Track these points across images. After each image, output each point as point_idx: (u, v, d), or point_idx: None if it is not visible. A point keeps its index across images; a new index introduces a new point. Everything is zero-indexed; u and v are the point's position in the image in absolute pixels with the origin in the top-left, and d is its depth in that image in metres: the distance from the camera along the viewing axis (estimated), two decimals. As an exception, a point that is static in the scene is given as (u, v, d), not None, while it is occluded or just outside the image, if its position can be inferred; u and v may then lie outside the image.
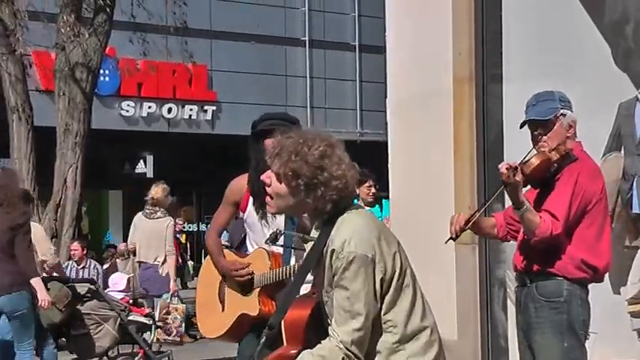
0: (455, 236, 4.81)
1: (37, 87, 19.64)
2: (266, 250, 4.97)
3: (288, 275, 4.79)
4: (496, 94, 6.65)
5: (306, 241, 3.56)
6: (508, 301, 6.31)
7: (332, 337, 3.30)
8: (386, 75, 7.17)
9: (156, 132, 23.55)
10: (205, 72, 23.99)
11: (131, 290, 11.55)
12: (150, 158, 23.86)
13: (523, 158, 4.71)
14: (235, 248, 5.60)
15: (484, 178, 6.47)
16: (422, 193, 6.71)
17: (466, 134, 6.53)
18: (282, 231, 4.16)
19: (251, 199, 5.06)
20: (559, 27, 6.74)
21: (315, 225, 3.48)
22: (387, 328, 3.34)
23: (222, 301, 5.17)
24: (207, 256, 5.37)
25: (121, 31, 16.67)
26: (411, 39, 6.90)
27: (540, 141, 4.78)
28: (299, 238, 3.60)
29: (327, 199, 3.33)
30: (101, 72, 16.74)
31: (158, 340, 10.30)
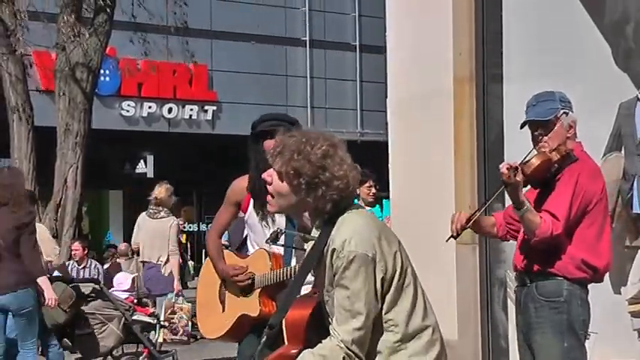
0: (456, 234, 4.81)
1: (38, 87, 19.63)
2: (267, 250, 4.96)
3: (289, 276, 4.78)
4: (496, 94, 6.65)
5: (307, 241, 3.55)
6: (508, 300, 6.31)
7: (333, 337, 3.30)
8: (386, 75, 7.17)
9: (156, 132, 23.55)
10: (206, 72, 23.98)
11: (135, 290, 11.55)
12: (150, 158, 23.86)
13: (524, 158, 4.71)
14: (236, 249, 5.59)
15: (484, 178, 6.47)
16: (422, 193, 6.71)
17: (466, 134, 6.53)
18: (283, 230, 4.16)
19: (252, 200, 5.06)
20: (559, 27, 6.74)
21: (315, 224, 3.48)
22: (388, 328, 3.33)
23: (222, 301, 5.17)
24: (208, 257, 5.37)
25: (122, 31, 16.66)
26: (411, 39, 6.91)
27: (541, 141, 4.77)
28: (300, 237, 3.59)
29: (327, 198, 3.32)
30: (101, 72, 16.73)
31: (165, 340, 10.28)
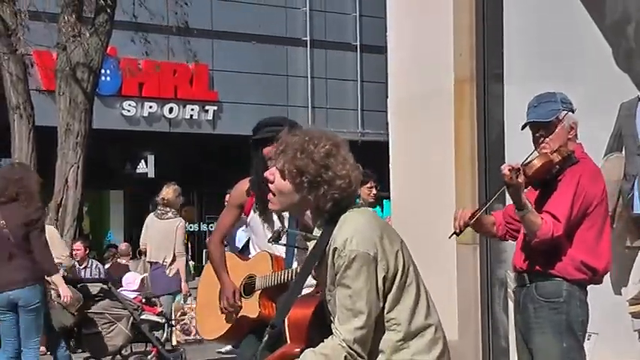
0: (459, 231, 4.80)
1: (39, 87, 19.63)
2: (269, 253, 4.97)
3: (290, 278, 4.77)
4: (497, 95, 6.65)
5: (309, 240, 3.55)
6: (509, 301, 6.30)
7: (335, 336, 3.29)
8: (387, 75, 7.17)
9: (157, 132, 23.55)
10: (206, 72, 23.99)
11: (144, 290, 11.54)
12: (151, 158, 23.86)
13: (525, 160, 4.70)
14: (239, 251, 5.61)
15: (485, 178, 6.47)
16: (422, 193, 6.71)
17: (467, 134, 6.53)
18: (285, 230, 4.16)
19: (254, 202, 5.07)
20: (560, 27, 6.74)
21: (317, 224, 3.48)
22: (390, 327, 3.33)
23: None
24: (210, 263, 5.37)
25: (123, 31, 16.66)
26: (411, 39, 6.91)
27: (542, 142, 4.77)
28: (302, 236, 3.59)
29: (328, 197, 3.33)
30: (102, 72, 16.72)
31: (178, 342, 10.26)
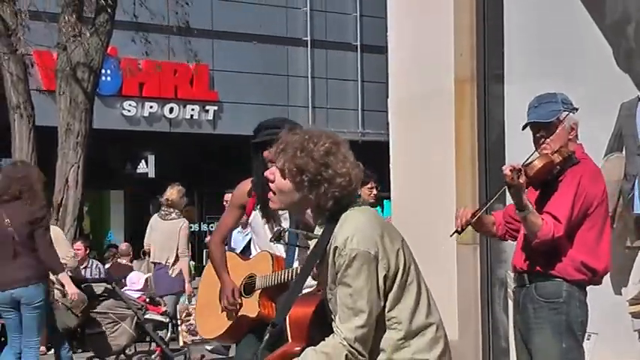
0: (460, 229, 4.80)
1: (39, 87, 19.61)
2: (270, 253, 4.97)
3: (290, 278, 4.78)
4: (497, 95, 6.65)
5: (310, 239, 3.55)
6: (509, 301, 6.30)
7: (336, 335, 3.30)
8: (387, 75, 7.17)
9: (157, 132, 23.53)
10: (207, 72, 23.96)
11: (148, 289, 11.55)
12: (151, 158, 23.83)
13: (525, 160, 4.70)
14: (241, 252, 5.62)
15: (485, 178, 6.47)
16: (423, 193, 6.71)
17: (467, 134, 6.53)
18: (286, 229, 4.16)
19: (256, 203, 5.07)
20: (560, 27, 6.75)
21: (318, 222, 3.48)
22: (391, 325, 3.33)
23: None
24: (211, 263, 5.37)
25: (123, 31, 16.64)
26: (412, 39, 6.91)
27: (542, 143, 4.77)
28: (303, 236, 3.59)
29: (329, 196, 3.33)
30: (103, 72, 16.72)
31: (185, 343, 10.27)
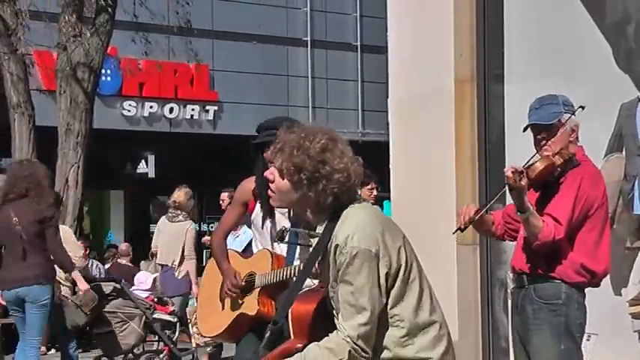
0: (463, 227, 4.79)
1: (39, 87, 19.60)
2: (269, 251, 4.98)
3: (290, 275, 4.78)
4: (497, 95, 6.65)
5: (313, 237, 3.55)
6: (509, 301, 6.31)
7: (339, 331, 3.31)
8: (387, 75, 7.17)
9: (157, 132, 23.51)
10: (207, 72, 23.95)
11: (155, 289, 11.55)
12: (151, 158, 23.81)
13: (526, 162, 4.70)
14: (242, 250, 5.62)
15: (485, 178, 6.47)
16: (422, 193, 6.71)
17: (467, 134, 6.53)
18: (288, 228, 4.16)
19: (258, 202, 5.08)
20: (560, 27, 6.74)
21: (320, 220, 3.48)
22: (394, 323, 3.34)
23: (222, 300, 5.18)
24: (212, 257, 5.38)
25: (123, 31, 16.64)
26: (412, 39, 6.90)
27: (543, 145, 4.77)
28: (305, 234, 3.59)
29: (328, 192, 3.34)
30: (103, 72, 16.71)
31: (198, 345, 10.26)
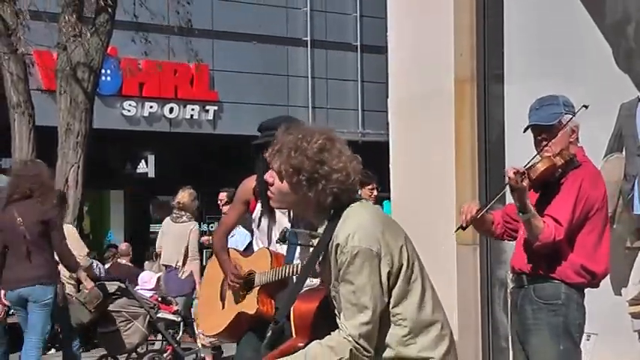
0: (465, 225, 4.79)
1: (39, 86, 19.61)
2: (268, 249, 4.98)
3: (289, 274, 4.79)
4: (497, 95, 6.65)
5: (314, 237, 3.55)
6: (509, 301, 6.31)
7: (341, 330, 3.31)
8: (387, 75, 7.17)
9: (157, 132, 23.51)
10: (207, 72, 23.95)
11: (159, 289, 11.56)
12: (151, 158, 23.80)
13: (527, 163, 4.70)
14: (244, 249, 5.62)
15: (485, 178, 6.47)
16: (422, 193, 6.71)
17: (467, 134, 6.53)
18: (289, 229, 4.16)
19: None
20: (560, 27, 6.74)
21: (321, 220, 3.48)
22: (396, 322, 3.34)
23: (222, 299, 5.19)
24: (212, 256, 5.39)
25: (123, 31, 16.64)
26: (412, 39, 6.91)
27: (543, 145, 4.76)
28: (307, 234, 3.60)
29: (327, 192, 3.34)
30: (103, 72, 16.70)
31: (203, 345, 10.27)
